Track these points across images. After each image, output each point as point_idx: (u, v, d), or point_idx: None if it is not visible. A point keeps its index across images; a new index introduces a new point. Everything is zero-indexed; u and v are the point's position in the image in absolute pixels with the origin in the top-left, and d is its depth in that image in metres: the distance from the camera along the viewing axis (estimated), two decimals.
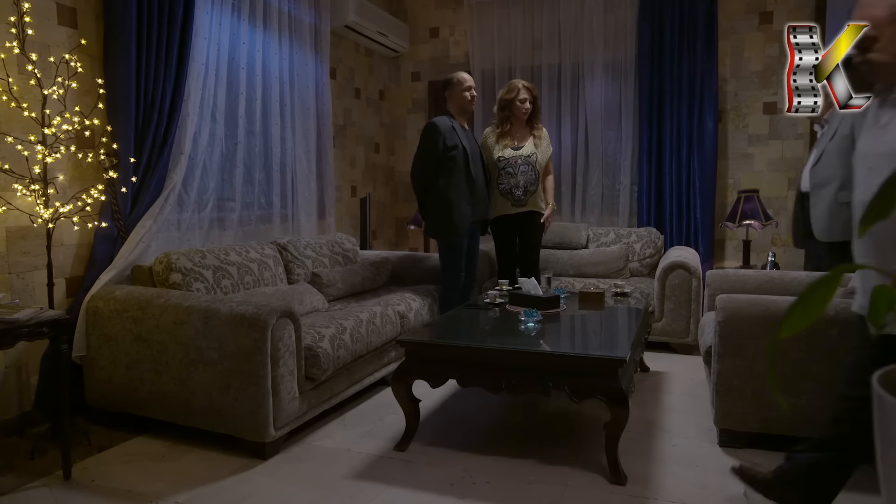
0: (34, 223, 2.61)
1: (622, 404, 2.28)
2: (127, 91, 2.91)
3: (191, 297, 2.70)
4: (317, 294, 3.52)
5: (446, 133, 3.62)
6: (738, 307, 2.51)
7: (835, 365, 2.38)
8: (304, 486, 2.31)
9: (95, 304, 2.80)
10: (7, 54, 2.57)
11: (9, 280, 2.69)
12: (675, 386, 3.41)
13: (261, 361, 2.45)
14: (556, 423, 2.92)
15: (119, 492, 2.26)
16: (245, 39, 3.80)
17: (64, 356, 2.38)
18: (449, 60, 5.63)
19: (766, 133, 4.73)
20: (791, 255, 4.71)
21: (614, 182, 5.09)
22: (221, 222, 3.70)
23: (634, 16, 4.89)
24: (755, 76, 4.74)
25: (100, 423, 2.83)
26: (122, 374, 2.75)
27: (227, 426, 2.56)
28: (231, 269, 3.19)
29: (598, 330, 2.94)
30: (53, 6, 2.82)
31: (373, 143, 5.65)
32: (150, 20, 2.97)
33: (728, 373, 2.53)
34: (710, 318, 2.96)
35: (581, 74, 5.09)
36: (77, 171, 2.92)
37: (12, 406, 2.73)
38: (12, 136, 2.59)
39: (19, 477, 2.36)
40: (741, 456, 2.50)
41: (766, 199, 4.60)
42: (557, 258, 4.67)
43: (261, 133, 3.97)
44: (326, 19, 4.53)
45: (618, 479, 2.28)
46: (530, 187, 3.91)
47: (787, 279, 3.41)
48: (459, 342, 2.65)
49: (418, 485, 2.30)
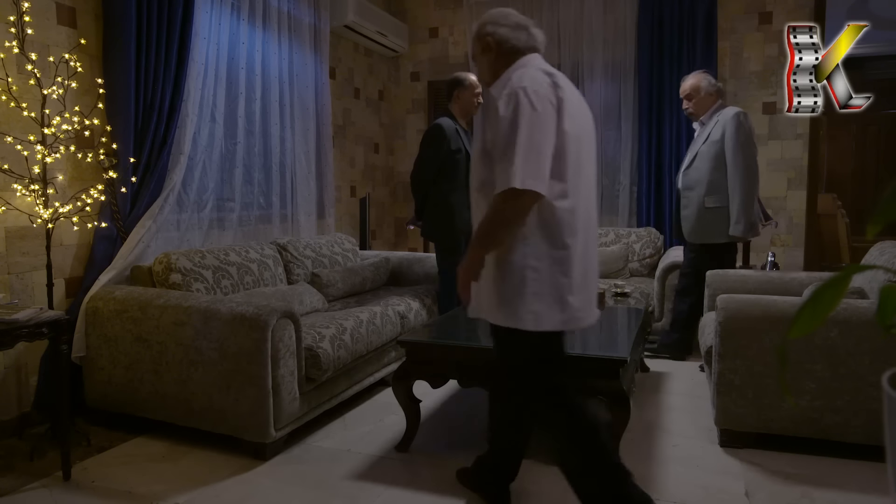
0: (34, 223, 2.61)
1: (623, 404, 2.27)
2: (126, 91, 2.90)
3: (191, 297, 2.69)
4: (317, 294, 3.52)
5: (451, 136, 3.54)
6: (738, 307, 2.51)
7: (836, 365, 2.39)
8: (305, 486, 2.31)
9: (95, 305, 2.79)
10: (6, 54, 2.57)
11: (8, 280, 2.68)
12: (675, 386, 3.41)
13: (261, 362, 2.45)
14: None
15: (119, 493, 2.26)
16: (244, 39, 3.79)
17: (63, 357, 2.37)
18: (448, 60, 5.63)
19: (765, 133, 4.73)
20: (791, 255, 4.71)
21: (614, 182, 5.09)
22: (221, 222, 3.70)
23: (634, 16, 4.89)
24: (754, 76, 4.74)
25: (99, 423, 2.83)
26: (121, 374, 2.74)
27: (227, 427, 2.56)
28: (231, 269, 3.19)
29: (599, 330, 2.94)
30: (53, 6, 2.82)
31: (372, 144, 5.65)
32: (150, 20, 2.97)
33: (729, 373, 2.53)
34: (711, 319, 2.96)
35: (581, 75, 5.08)
36: (76, 171, 2.91)
37: (12, 407, 2.72)
38: (12, 135, 2.59)
39: (19, 478, 2.35)
40: (742, 456, 2.51)
41: (766, 199, 4.60)
42: None
43: (260, 133, 3.96)
44: (326, 19, 4.53)
45: None
46: None
47: (787, 279, 3.41)
48: (460, 342, 2.65)
49: (419, 485, 2.29)
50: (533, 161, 1.69)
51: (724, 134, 3.43)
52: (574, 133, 1.80)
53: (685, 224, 3.60)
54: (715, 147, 3.47)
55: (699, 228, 3.56)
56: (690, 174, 3.57)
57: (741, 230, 3.42)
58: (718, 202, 3.47)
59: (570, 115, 1.79)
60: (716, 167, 3.47)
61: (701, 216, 3.53)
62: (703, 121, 3.59)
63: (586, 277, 1.88)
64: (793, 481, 2.30)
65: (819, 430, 2.45)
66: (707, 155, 3.49)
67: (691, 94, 3.56)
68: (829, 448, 2.47)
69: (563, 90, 1.80)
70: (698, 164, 3.53)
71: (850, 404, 2.39)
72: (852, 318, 2.35)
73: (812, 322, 0.59)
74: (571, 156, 1.79)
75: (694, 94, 3.55)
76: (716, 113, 3.55)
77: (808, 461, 2.44)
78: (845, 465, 2.40)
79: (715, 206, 3.48)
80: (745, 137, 3.41)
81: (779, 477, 2.33)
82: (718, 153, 3.46)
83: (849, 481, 2.28)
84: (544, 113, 1.73)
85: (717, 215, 3.49)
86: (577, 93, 1.90)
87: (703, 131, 3.57)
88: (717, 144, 3.47)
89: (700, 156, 3.52)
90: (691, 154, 3.60)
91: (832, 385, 2.40)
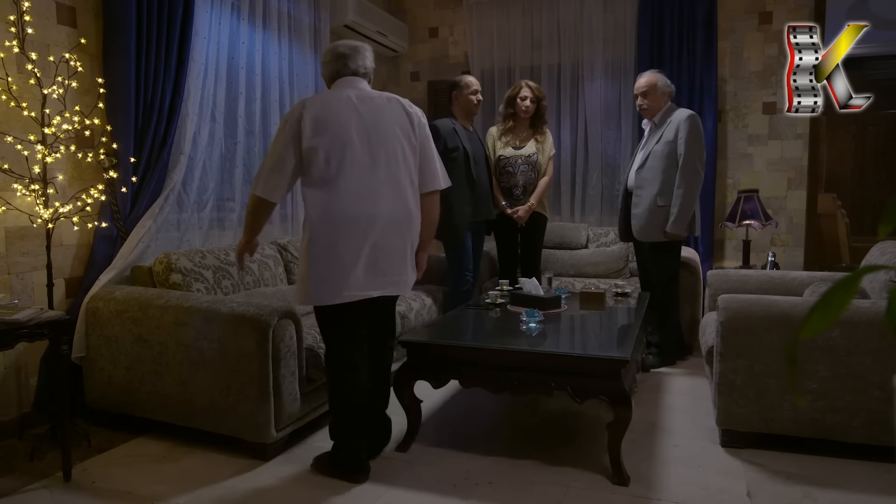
0: (34, 223, 2.60)
1: (625, 405, 2.27)
2: (126, 90, 2.89)
3: (191, 297, 2.69)
4: None
5: (447, 135, 3.62)
6: (740, 307, 2.51)
7: (837, 365, 2.39)
8: (306, 487, 2.30)
9: (95, 305, 2.78)
10: (6, 53, 2.56)
11: (8, 280, 2.67)
12: (675, 386, 3.41)
13: (262, 362, 2.45)
14: (557, 424, 2.91)
15: (119, 493, 2.25)
16: (244, 39, 3.79)
17: (64, 357, 2.37)
18: (448, 60, 5.63)
19: (765, 133, 4.73)
20: (790, 255, 4.72)
21: (614, 182, 5.08)
22: (221, 222, 3.69)
23: (634, 16, 4.88)
24: (754, 76, 4.74)
25: (100, 424, 2.82)
26: (122, 374, 2.74)
27: (227, 427, 2.55)
28: (231, 269, 3.18)
29: (600, 330, 2.94)
30: (53, 5, 2.81)
31: None
32: (150, 19, 2.96)
33: (730, 373, 2.53)
34: (712, 319, 2.96)
35: (580, 74, 5.08)
36: (77, 170, 2.91)
37: (12, 407, 2.72)
38: (12, 135, 2.58)
39: (19, 479, 2.35)
40: (743, 456, 2.51)
41: (766, 199, 4.60)
42: (557, 258, 4.66)
43: (260, 133, 3.96)
44: (326, 19, 4.52)
45: (620, 480, 2.28)
46: (529, 187, 3.91)
47: (788, 279, 3.41)
48: (461, 342, 2.65)
49: (420, 486, 2.29)
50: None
51: (678, 134, 3.52)
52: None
53: (636, 222, 3.67)
54: (669, 147, 3.56)
55: (649, 226, 3.64)
56: (644, 173, 3.64)
57: (679, 228, 3.52)
58: (669, 201, 3.57)
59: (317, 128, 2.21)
60: (669, 167, 3.56)
61: (652, 214, 3.62)
62: (656, 121, 3.65)
63: None
64: (794, 481, 2.30)
65: (821, 430, 2.45)
66: (661, 154, 3.57)
67: (647, 91, 3.63)
68: (831, 448, 2.47)
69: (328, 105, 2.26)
70: (652, 163, 3.60)
71: (851, 404, 2.39)
72: (854, 319, 2.35)
73: (823, 322, 0.59)
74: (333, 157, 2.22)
75: (650, 92, 3.62)
76: (667, 114, 3.64)
77: (810, 461, 2.44)
78: (847, 466, 2.40)
79: (666, 205, 3.58)
80: (699, 140, 3.52)
81: (780, 477, 2.33)
82: (672, 153, 3.56)
83: (851, 481, 2.29)
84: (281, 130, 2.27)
85: (668, 214, 3.58)
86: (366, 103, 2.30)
87: (656, 131, 3.64)
88: (671, 145, 3.56)
89: (654, 155, 3.60)
90: (644, 154, 3.66)
91: (834, 385, 2.40)
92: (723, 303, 2.56)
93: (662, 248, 3.66)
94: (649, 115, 3.67)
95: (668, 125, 3.58)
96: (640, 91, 3.66)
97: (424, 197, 2.43)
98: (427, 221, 2.45)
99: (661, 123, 3.63)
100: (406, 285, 2.40)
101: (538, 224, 3.99)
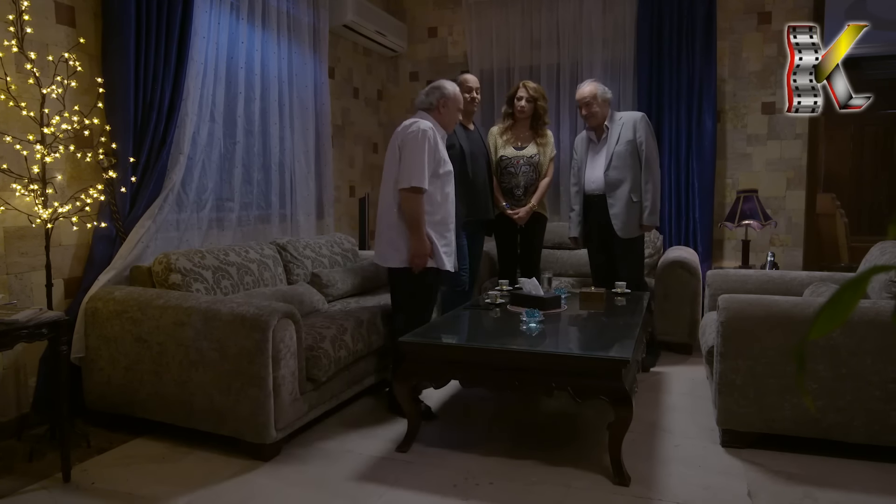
0: (32, 223, 2.59)
1: (626, 405, 2.27)
2: (126, 90, 2.89)
3: (191, 297, 2.68)
4: (316, 294, 3.51)
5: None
6: (740, 307, 2.51)
7: (838, 365, 2.39)
8: (306, 487, 2.30)
9: (94, 305, 2.78)
10: (5, 53, 2.55)
11: (7, 281, 2.66)
12: (675, 386, 3.41)
13: (262, 362, 2.44)
14: (558, 424, 2.91)
15: (119, 494, 2.25)
16: (244, 39, 3.78)
17: (63, 357, 2.36)
18: (447, 60, 5.62)
19: (764, 133, 4.73)
20: (790, 254, 4.72)
21: None
22: (220, 222, 3.68)
23: (633, 16, 4.88)
24: (754, 76, 4.74)
25: (99, 424, 2.81)
26: (121, 375, 2.73)
27: (227, 428, 2.55)
28: (231, 269, 3.18)
29: (600, 330, 2.94)
30: (52, 5, 2.80)
31: (371, 143, 5.64)
32: (149, 19, 2.96)
33: (730, 373, 2.53)
34: (712, 319, 2.96)
35: (580, 74, 5.07)
36: (76, 170, 2.90)
37: (11, 408, 2.71)
38: (11, 135, 2.57)
39: (18, 480, 2.34)
40: (744, 456, 2.51)
41: (765, 199, 4.60)
42: (557, 258, 4.66)
43: (259, 133, 3.95)
44: (325, 19, 4.52)
45: (621, 480, 2.28)
46: (531, 188, 3.91)
47: (788, 279, 3.42)
48: (462, 343, 2.64)
49: (421, 486, 2.29)
50: None
51: (637, 133, 3.68)
52: None
53: (617, 221, 3.74)
54: (630, 146, 3.70)
55: (630, 223, 3.74)
56: (612, 175, 3.74)
57: (655, 220, 3.71)
58: (640, 197, 3.71)
59: None
60: (634, 164, 3.71)
61: (630, 211, 3.72)
62: (606, 125, 3.77)
63: None
64: (795, 481, 2.30)
65: (821, 430, 2.45)
66: (624, 154, 3.71)
67: (591, 101, 3.72)
68: (832, 448, 2.48)
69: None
70: (617, 163, 3.72)
71: (852, 404, 2.39)
72: (854, 318, 2.35)
73: (832, 323, 0.59)
74: None
75: (593, 102, 3.72)
76: (611, 118, 3.77)
77: (811, 461, 2.44)
78: (848, 466, 2.40)
79: (639, 201, 3.72)
80: (654, 137, 3.76)
81: (781, 477, 2.33)
82: (634, 151, 3.70)
83: (851, 481, 2.29)
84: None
85: (640, 209, 3.71)
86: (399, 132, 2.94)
87: (610, 135, 3.76)
88: (631, 144, 3.70)
89: (617, 156, 3.72)
90: (606, 157, 3.70)
91: (834, 385, 2.40)
92: (723, 303, 2.55)
93: (635, 244, 3.80)
94: (596, 122, 3.76)
95: (621, 127, 3.72)
96: (586, 100, 3.72)
97: (399, 193, 2.87)
98: (404, 214, 2.88)
99: (611, 127, 3.76)
100: (383, 258, 2.99)
101: (538, 224, 3.99)
